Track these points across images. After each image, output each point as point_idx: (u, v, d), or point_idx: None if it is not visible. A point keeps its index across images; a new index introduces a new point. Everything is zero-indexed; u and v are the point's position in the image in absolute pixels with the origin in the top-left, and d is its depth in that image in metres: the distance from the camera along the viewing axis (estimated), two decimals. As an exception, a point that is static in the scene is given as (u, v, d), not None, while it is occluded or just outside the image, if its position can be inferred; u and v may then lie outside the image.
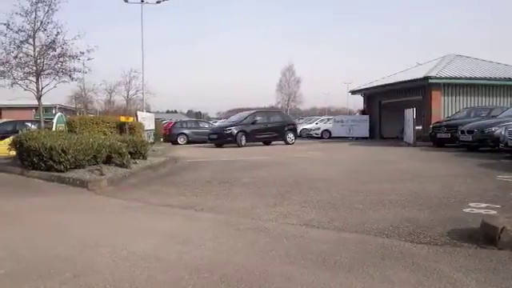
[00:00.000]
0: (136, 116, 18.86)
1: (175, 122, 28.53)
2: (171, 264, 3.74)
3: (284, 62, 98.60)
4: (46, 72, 15.46)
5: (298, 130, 33.45)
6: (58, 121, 14.55)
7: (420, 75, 21.72)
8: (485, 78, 21.57)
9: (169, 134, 25.88)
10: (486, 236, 4.21)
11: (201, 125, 28.61)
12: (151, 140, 18.51)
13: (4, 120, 30.20)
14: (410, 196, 6.63)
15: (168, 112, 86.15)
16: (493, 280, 3.30)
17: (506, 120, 13.69)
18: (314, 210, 5.87)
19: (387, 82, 25.05)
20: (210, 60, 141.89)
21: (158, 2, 32.52)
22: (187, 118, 51.18)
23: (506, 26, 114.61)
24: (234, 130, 21.19)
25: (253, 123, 21.85)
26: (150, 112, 30.56)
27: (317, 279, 3.37)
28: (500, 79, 21.61)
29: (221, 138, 21.42)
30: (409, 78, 22.81)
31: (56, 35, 15.28)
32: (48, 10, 15.03)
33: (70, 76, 15.99)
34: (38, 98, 15.77)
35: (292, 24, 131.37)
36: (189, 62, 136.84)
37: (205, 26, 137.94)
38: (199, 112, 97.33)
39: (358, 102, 36.48)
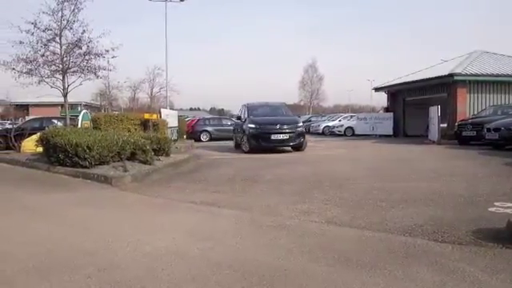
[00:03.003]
0: (160, 113, 19.01)
1: (198, 119, 28.65)
2: (193, 260, 3.78)
3: (307, 59, 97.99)
4: (72, 70, 15.68)
5: (321, 128, 33.33)
6: (83, 118, 14.80)
7: (445, 72, 21.33)
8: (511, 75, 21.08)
9: (192, 132, 26.00)
10: (511, 236, 4.14)
11: (223, 122, 28.66)
12: (174, 137, 18.64)
13: (32, 117, 30.82)
14: (434, 194, 6.54)
15: (191, 109, 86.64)
16: (518, 281, 3.24)
17: (534, 118, 13.39)
18: (336, 207, 5.85)
19: (411, 79, 24.68)
20: (234, 57, 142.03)
21: (181, 0, 32.75)
22: (210, 115, 51.42)
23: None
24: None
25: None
26: (173, 109, 30.74)
27: (339, 277, 3.36)
28: (528, 76, 21.08)
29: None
30: (433, 75, 22.42)
31: (82, 33, 15.46)
32: (74, 9, 15.22)
33: (95, 74, 16.18)
34: (64, 96, 16.01)
35: (316, 21, 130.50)
36: (212, 60, 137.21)
37: (228, 24, 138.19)
38: (222, 109, 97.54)
39: (382, 100, 36.23)
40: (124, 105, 59.97)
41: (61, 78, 15.52)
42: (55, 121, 21.27)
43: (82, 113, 15.48)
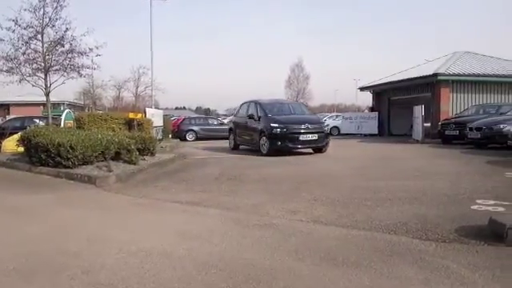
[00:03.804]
0: (145, 112, 18.90)
1: (184, 119, 28.50)
2: (180, 260, 3.76)
3: (293, 59, 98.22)
4: (55, 68, 15.50)
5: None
6: (66, 117, 14.65)
7: (429, 72, 21.55)
8: (494, 75, 21.37)
9: (177, 131, 25.87)
10: (493, 233, 4.21)
11: (210, 121, 28.59)
12: (160, 136, 18.54)
13: (12, 116, 30.40)
14: (418, 193, 6.61)
15: (177, 108, 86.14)
16: (500, 277, 3.29)
17: (515, 117, 13.60)
18: (322, 206, 5.87)
19: (396, 79, 24.89)
20: (220, 57, 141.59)
21: (165, -1, 32.60)
22: (196, 115, 51.20)
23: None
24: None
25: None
26: (158, 108, 30.57)
27: (325, 276, 3.38)
28: (509, 76, 21.37)
29: None
30: (418, 75, 22.65)
31: (65, 31, 15.30)
32: (56, 6, 15.05)
33: (78, 72, 16.02)
34: (47, 95, 15.83)
35: (302, 21, 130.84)
36: (198, 59, 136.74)
37: (214, 24, 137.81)
38: (208, 108, 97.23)
39: (367, 99, 36.46)
40: (108, 104, 59.30)
41: (43, 76, 15.33)
42: (37, 120, 21.02)
43: (64, 112, 15.35)
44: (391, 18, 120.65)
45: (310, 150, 13.93)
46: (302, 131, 13.44)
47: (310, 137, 13.50)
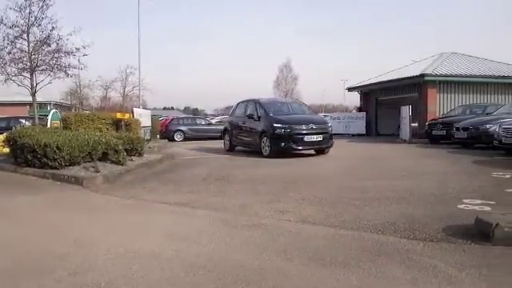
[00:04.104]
0: (132, 113, 18.80)
1: (172, 119, 28.42)
2: (168, 261, 3.74)
3: (281, 59, 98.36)
4: (41, 68, 15.38)
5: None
6: (52, 117, 14.51)
7: (416, 72, 21.72)
8: (480, 76, 21.61)
9: (165, 131, 25.79)
10: (480, 232, 4.24)
11: (198, 121, 28.54)
12: (148, 137, 18.45)
13: (-2, 116, 30.03)
14: (405, 193, 6.65)
15: (165, 109, 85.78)
16: (487, 275, 3.32)
17: (501, 117, 13.73)
18: (311, 206, 5.88)
19: (383, 80, 25.06)
20: (208, 57, 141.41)
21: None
22: (184, 115, 51.02)
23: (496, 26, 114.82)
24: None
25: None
26: (146, 109, 30.42)
27: (313, 276, 3.38)
28: (494, 77, 21.65)
29: None
30: (405, 76, 22.82)
31: (51, 30, 15.19)
32: (42, 6, 14.94)
33: (65, 72, 15.91)
34: (33, 95, 15.69)
35: (290, 21, 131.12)
36: (186, 59, 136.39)
37: (201, 24, 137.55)
38: (196, 109, 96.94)
39: (355, 99, 36.69)
40: (95, 104, 58.87)
41: (29, 76, 15.20)
42: (23, 120, 20.82)
43: (51, 112, 15.20)
44: (381, 18, 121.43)
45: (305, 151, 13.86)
46: (307, 132, 12.81)
47: (314, 138, 12.88)
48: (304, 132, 12.75)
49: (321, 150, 13.32)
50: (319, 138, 12.91)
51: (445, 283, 3.20)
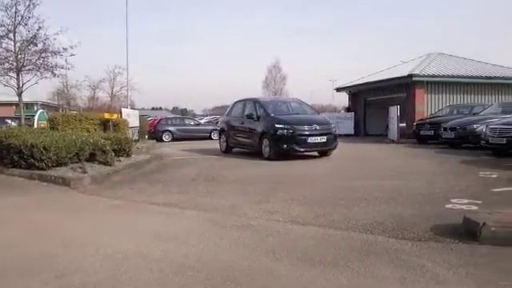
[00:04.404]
0: (120, 113, 18.69)
1: (160, 119, 28.34)
2: (156, 262, 3.72)
3: (270, 59, 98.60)
4: (27, 68, 15.24)
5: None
6: (39, 118, 14.39)
7: (404, 73, 21.90)
8: (467, 76, 21.85)
9: (154, 131, 25.70)
10: (467, 231, 4.28)
11: (186, 122, 28.49)
12: (136, 137, 18.36)
13: (-16, 117, 29.67)
14: (394, 192, 6.68)
15: (153, 109, 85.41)
16: (474, 274, 3.35)
17: (487, 117, 13.90)
18: (300, 206, 5.88)
19: (372, 80, 25.22)
20: (197, 57, 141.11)
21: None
22: (172, 115, 50.84)
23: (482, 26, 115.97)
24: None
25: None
26: (134, 109, 30.26)
27: (302, 276, 3.38)
28: (481, 77, 21.92)
29: None
30: (393, 76, 23.00)
31: (37, 30, 15.07)
32: (29, 5, 14.81)
33: (52, 72, 15.80)
34: (19, 95, 15.55)
35: (278, 22, 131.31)
36: (174, 60, 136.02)
37: (190, 24, 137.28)
38: (185, 109, 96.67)
39: (344, 100, 36.73)
40: (83, 104, 58.40)
41: (15, 76, 15.04)
42: (9, 121, 20.63)
43: (38, 112, 15.07)
44: (369, 18, 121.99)
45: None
46: (311, 133, 12.12)
47: (318, 139, 12.15)
48: (307, 133, 12.11)
49: (324, 151, 12.74)
50: (323, 139, 12.24)
51: (433, 282, 3.22)
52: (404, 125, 20.83)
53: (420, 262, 3.64)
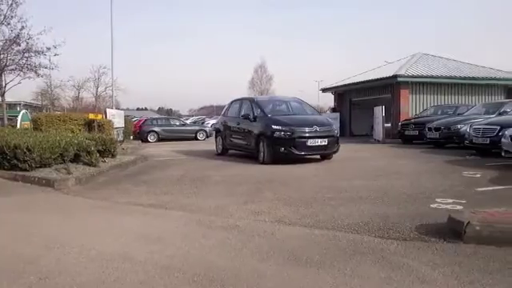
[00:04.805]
0: (105, 113, 18.54)
1: (145, 120, 28.19)
2: (141, 264, 3.68)
3: (256, 60, 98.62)
4: (10, 68, 15.06)
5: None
6: (22, 118, 14.21)
7: (389, 74, 22.07)
8: (451, 77, 22.11)
9: (139, 132, 25.57)
10: (452, 231, 4.31)
11: (172, 122, 28.37)
12: (121, 138, 18.23)
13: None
14: (379, 192, 6.72)
15: (138, 109, 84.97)
16: (458, 273, 3.38)
17: (471, 118, 14.10)
18: (286, 206, 5.88)
19: (357, 80, 25.37)
20: (183, 57, 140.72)
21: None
22: (158, 116, 50.60)
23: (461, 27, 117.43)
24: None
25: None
26: (119, 109, 30.07)
27: (288, 276, 3.38)
28: (465, 78, 22.19)
29: None
30: (378, 77, 23.16)
31: (20, 29, 14.89)
32: (12, 4, 14.63)
33: (35, 72, 15.63)
34: (1, 95, 15.35)
35: (265, 22, 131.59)
36: (160, 59, 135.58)
37: (176, 24, 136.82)
38: (170, 109, 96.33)
39: (329, 100, 36.83)
40: (67, 105, 57.82)
41: (-3, 76, 14.83)
42: (-8, 121, 20.29)
43: (21, 113, 14.88)
44: (356, 18, 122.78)
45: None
46: (311, 135, 11.20)
47: (319, 142, 11.21)
48: (307, 135, 11.18)
49: (325, 155, 11.84)
50: (324, 141, 11.31)
51: (418, 282, 3.23)
52: (389, 125, 20.98)
53: (405, 261, 3.66)
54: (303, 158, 11.40)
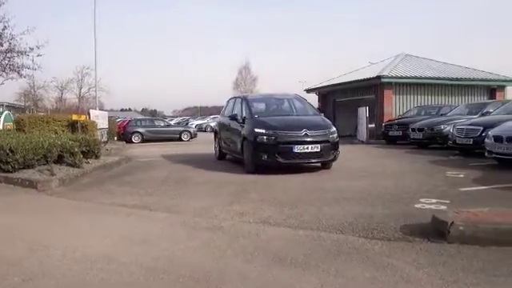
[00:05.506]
0: (89, 114, 18.36)
1: (129, 121, 28.02)
2: (126, 265, 3.66)
3: (241, 60, 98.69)
4: (-8, 68, 14.81)
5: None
6: (5, 119, 14.00)
7: (373, 74, 22.21)
8: (434, 78, 22.33)
9: (123, 133, 25.38)
10: (436, 230, 4.35)
11: (156, 123, 28.23)
12: (105, 139, 18.08)
13: None
14: (364, 193, 6.76)
15: (122, 110, 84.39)
16: (442, 273, 3.41)
17: (454, 118, 14.24)
18: (271, 207, 5.89)
19: (341, 81, 25.48)
20: (167, 58, 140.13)
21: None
22: (142, 116, 50.30)
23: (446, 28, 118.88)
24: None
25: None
26: (103, 110, 29.81)
27: (273, 277, 3.38)
28: (448, 79, 22.42)
29: None
30: (362, 77, 23.30)
31: (2, 30, 14.68)
32: (-7, 4, 14.40)
33: (18, 73, 15.42)
34: (-16, 96, 15.08)
35: (248, 22, 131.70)
36: (144, 60, 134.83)
37: (160, 25, 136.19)
38: (154, 110, 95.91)
39: (314, 101, 37.14)
40: (51, 105, 57.21)
41: (-21, 76, 14.60)
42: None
43: (3, 114, 14.64)
44: (341, 18, 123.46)
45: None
46: (297, 140, 9.29)
47: (308, 148, 9.29)
48: (294, 140, 9.29)
49: (322, 163, 9.94)
50: (315, 148, 9.34)
51: (403, 282, 3.26)
52: (373, 126, 21.12)
53: (390, 261, 3.69)
54: (296, 167, 9.69)
